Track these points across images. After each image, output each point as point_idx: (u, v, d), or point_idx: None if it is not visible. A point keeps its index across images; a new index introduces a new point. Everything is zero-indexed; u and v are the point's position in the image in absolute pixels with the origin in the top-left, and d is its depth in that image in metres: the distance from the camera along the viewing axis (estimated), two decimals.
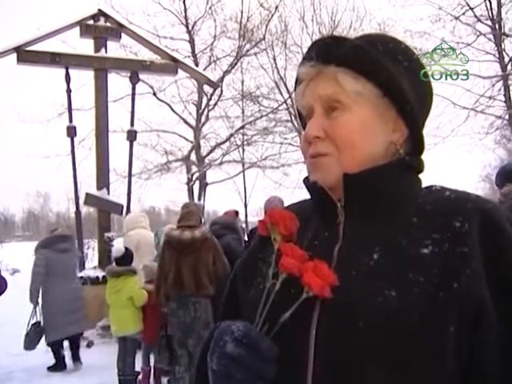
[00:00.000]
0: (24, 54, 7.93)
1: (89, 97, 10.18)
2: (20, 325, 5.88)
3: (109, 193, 8.53)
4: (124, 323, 5.00)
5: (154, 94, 16.13)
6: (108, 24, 8.58)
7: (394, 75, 0.78)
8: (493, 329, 0.68)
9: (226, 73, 16.42)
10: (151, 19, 18.37)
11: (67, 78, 8.33)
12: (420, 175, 0.85)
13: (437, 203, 0.78)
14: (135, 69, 8.76)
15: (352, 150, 0.79)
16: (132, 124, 8.95)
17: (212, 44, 16.60)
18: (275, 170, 17.16)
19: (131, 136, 8.83)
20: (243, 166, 17.13)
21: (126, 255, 5.14)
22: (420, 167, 0.84)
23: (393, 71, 0.78)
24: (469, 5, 14.39)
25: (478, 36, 14.61)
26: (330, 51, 0.80)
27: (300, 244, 0.79)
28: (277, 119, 16.93)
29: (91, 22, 8.45)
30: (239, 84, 17.07)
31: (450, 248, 0.71)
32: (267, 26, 16.07)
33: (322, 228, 0.83)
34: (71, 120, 8.51)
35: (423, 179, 0.85)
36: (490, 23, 14.65)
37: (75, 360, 6.10)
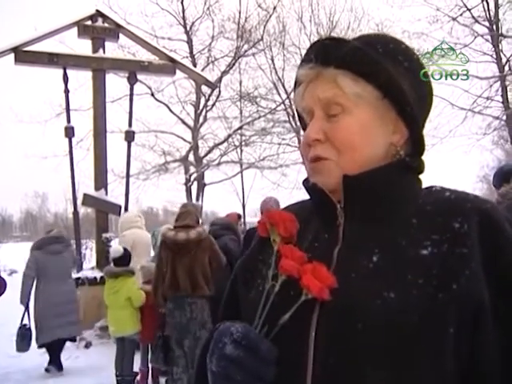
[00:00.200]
0: (22, 55, 7.91)
1: (87, 97, 10.20)
2: (17, 326, 5.85)
3: (107, 193, 8.52)
4: (122, 324, 4.99)
5: (152, 95, 16.12)
6: (106, 24, 8.57)
7: (394, 77, 0.78)
8: (492, 329, 0.68)
9: (224, 73, 16.41)
10: (149, 20, 18.48)
11: (65, 79, 8.31)
12: (420, 176, 0.85)
13: (437, 204, 0.77)
14: (133, 69, 8.74)
15: (352, 153, 0.79)
16: (130, 124, 8.94)
17: (210, 44, 16.63)
18: (273, 171, 17.19)
19: (129, 136, 8.83)
20: (241, 167, 17.13)
21: (124, 256, 5.13)
22: (420, 168, 0.84)
23: (393, 73, 0.78)
24: (466, 6, 14.43)
25: (476, 37, 14.65)
26: (329, 53, 0.79)
27: (300, 246, 0.78)
28: (275, 120, 16.92)
29: (89, 23, 8.43)
30: (237, 84, 17.12)
31: (450, 249, 0.71)
32: (265, 27, 16.10)
33: (322, 230, 0.83)
34: (69, 120, 8.50)
35: (422, 180, 0.85)
36: (488, 24, 14.69)
37: (51, 363, 5.88)
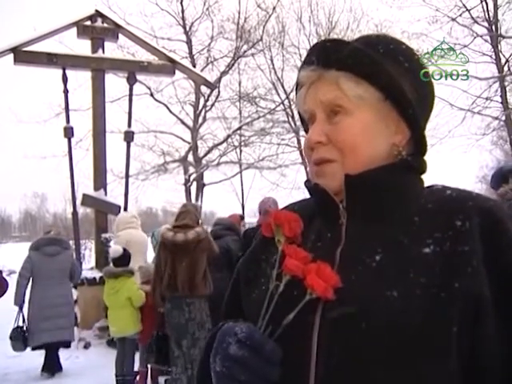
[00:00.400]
0: (21, 55, 7.90)
1: (86, 97, 10.21)
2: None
3: (106, 193, 8.52)
4: (123, 324, 4.98)
5: (152, 95, 16.10)
6: (105, 25, 8.57)
7: (395, 78, 0.78)
8: (493, 325, 0.68)
9: (224, 74, 16.40)
10: (148, 20, 18.53)
11: (64, 79, 8.29)
12: (422, 175, 0.85)
13: (438, 202, 0.78)
14: (132, 69, 8.74)
15: (355, 154, 0.79)
16: (129, 125, 8.94)
17: (209, 45, 16.62)
18: (272, 171, 17.18)
19: (128, 137, 8.82)
20: (240, 167, 17.11)
21: (124, 256, 5.12)
22: (422, 168, 0.84)
23: (394, 73, 0.78)
24: (465, 6, 14.42)
25: (475, 37, 14.64)
26: (331, 55, 0.80)
27: (303, 245, 0.79)
28: (274, 120, 16.91)
29: (88, 23, 8.43)
30: (236, 85, 17.11)
31: (452, 247, 0.72)
32: (264, 27, 16.11)
33: (325, 229, 0.83)
34: (68, 121, 8.49)
35: (424, 180, 0.85)
36: (487, 25, 14.68)
37: (44, 369, 5.76)
